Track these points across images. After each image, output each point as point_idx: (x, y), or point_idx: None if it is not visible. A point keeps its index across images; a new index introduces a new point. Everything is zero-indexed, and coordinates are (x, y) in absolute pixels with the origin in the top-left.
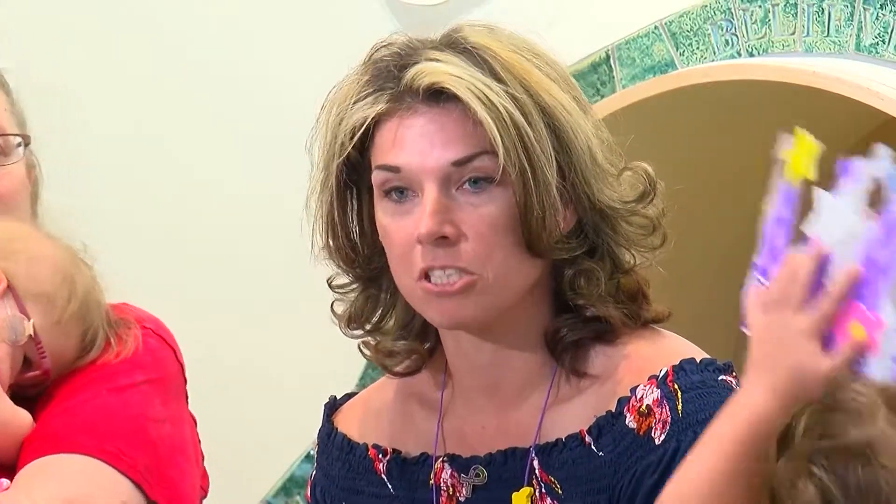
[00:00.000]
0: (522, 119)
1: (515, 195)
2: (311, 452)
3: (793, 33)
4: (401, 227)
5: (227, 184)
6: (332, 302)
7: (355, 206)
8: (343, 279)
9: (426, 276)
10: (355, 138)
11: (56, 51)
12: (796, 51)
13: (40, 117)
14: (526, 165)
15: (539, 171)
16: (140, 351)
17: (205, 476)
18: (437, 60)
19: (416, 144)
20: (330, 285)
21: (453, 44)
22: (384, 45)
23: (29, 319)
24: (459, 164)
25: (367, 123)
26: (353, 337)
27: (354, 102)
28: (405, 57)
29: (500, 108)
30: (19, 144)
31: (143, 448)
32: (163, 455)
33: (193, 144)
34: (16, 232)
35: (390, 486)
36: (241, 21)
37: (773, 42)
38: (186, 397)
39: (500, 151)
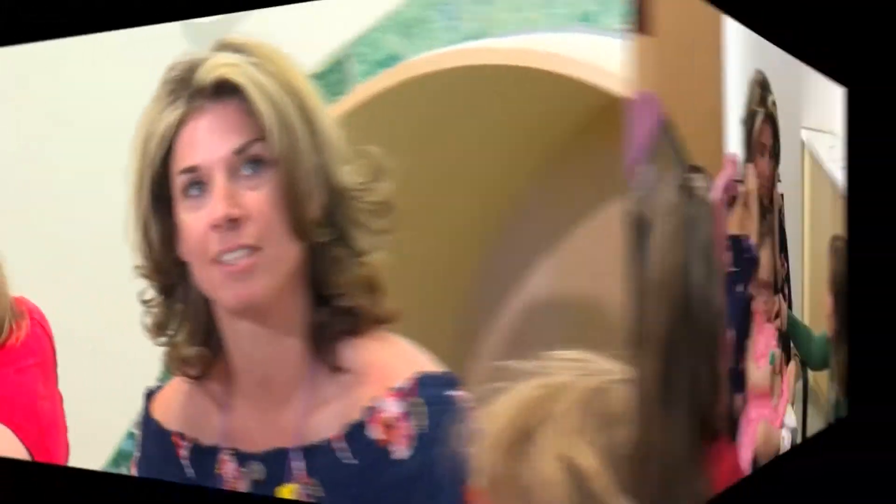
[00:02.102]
0: (287, 99)
1: (284, 174)
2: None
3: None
4: (197, 219)
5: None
6: (143, 314)
7: (158, 222)
8: (150, 294)
9: (221, 261)
10: (163, 148)
11: None
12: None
13: None
14: (291, 144)
15: (302, 149)
16: (31, 337)
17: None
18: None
19: (205, 141)
20: (141, 300)
21: (223, 47)
22: (171, 68)
23: None
24: (239, 152)
25: (170, 129)
26: (161, 345)
27: (159, 114)
28: (192, 65)
29: (271, 91)
30: None
31: (34, 420)
32: (45, 427)
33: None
34: None
35: (193, 471)
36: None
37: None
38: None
39: (276, 133)
